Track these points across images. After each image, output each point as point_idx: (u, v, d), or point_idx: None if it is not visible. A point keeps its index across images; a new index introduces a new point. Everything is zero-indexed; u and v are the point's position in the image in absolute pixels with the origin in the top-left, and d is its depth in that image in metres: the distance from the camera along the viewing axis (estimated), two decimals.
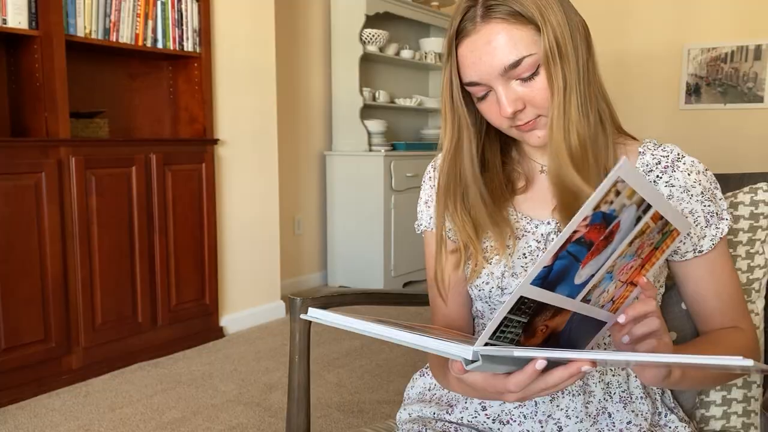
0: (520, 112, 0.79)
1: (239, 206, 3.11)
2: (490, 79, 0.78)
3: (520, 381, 0.63)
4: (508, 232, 0.86)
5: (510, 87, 0.78)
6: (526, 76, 0.77)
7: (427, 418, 0.93)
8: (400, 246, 3.96)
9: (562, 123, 0.77)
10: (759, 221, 1.04)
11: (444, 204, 0.88)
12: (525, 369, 0.62)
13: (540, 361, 0.61)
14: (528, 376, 0.62)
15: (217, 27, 2.93)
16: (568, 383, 0.63)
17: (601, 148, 0.80)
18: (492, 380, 0.66)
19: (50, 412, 2.17)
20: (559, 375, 0.62)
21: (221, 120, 2.97)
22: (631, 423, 0.84)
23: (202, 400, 2.27)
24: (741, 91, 4.54)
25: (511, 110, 0.78)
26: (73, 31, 2.36)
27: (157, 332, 2.71)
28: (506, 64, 0.76)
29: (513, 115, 0.79)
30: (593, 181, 0.78)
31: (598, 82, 0.83)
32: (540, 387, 0.63)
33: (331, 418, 2.14)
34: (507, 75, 0.77)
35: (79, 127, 2.52)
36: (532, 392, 0.64)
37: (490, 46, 0.76)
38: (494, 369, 0.65)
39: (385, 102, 4.17)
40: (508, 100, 0.78)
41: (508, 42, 0.75)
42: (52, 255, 2.30)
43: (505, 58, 0.76)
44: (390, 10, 4.06)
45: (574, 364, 0.60)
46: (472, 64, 0.78)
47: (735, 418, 1.00)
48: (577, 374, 0.60)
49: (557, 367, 0.62)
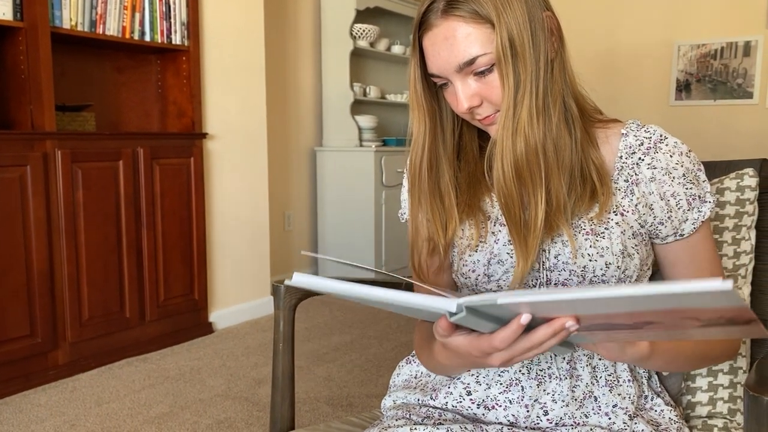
0: (478, 107, 0.80)
1: (228, 201, 3.09)
2: (447, 74, 0.79)
3: (505, 336, 0.62)
4: (481, 218, 0.85)
5: (467, 82, 0.79)
6: (481, 71, 0.77)
7: (411, 404, 0.92)
8: (391, 241, 3.96)
9: (511, 124, 0.77)
10: (745, 207, 1.03)
11: (416, 196, 0.87)
12: (510, 323, 0.62)
13: (525, 315, 0.60)
14: (513, 331, 0.61)
15: (205, 20, 2.90)
16: (553, 342, 0.62)
17: (561, 149, 0.79)
18: (476, 341, 0.65)
19: (36, 407, 2.14)
20: (543, 332, 0.61)
21: (210, 114, 2.95)
22: (617, 406, 0.84)
23: (190, 394, 2.26)
24: (731, 87, 4.56)
25: (467, 106, 0.79)
26: (59, 23, 2.33)
27: (145, 328, 2.69)
28: (461, 62, 0.77)
29: (469, 111, 0.80)
30: (540, 191, 0.77)
31: (567, 79, 0.81)
32: (525, 346, 0.62)
33: (319, 412, 2.13)
34: (463, 71, 0.78)
35: (65, 121, 2.49)
36: (517, 351, 0.63)
37: (447, 42, 0.77)
38: (478, 325, 0.64)
39: (375, 97, 4.16)
40: (464, 96, 0.79)
41: (463, 40, 0.76)
42: (37, 249, 2.28)
43: (460, 56, 0.76)
44: (380, 5, 4.05)
45: (558, 321, 0.60)
46: (432, 56, 0.79)
47: (721, 403, 1.00)
48: (560, 331, 0.60)
49: (541, 325, 0.61)
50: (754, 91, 4.48)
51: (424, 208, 0.87)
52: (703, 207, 0.84)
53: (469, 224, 0.87)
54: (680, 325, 0.55)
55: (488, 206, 0.87)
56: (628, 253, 0.81)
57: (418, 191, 0.87)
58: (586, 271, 0.81)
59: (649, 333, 0.61)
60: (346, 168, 3.92)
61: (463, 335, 0.67)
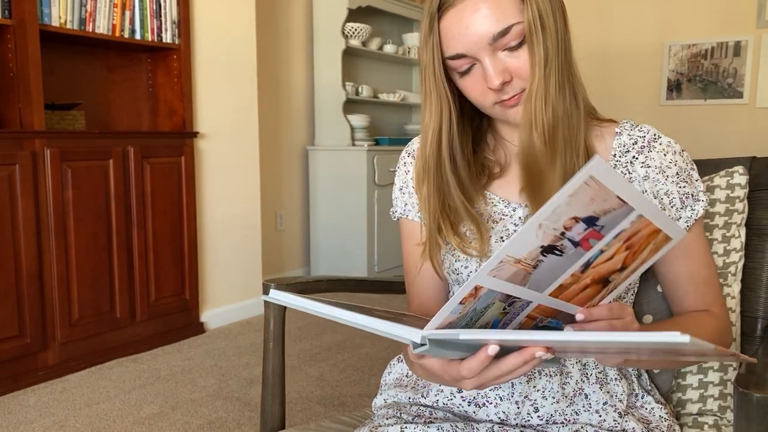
0: (507, 85, 0.77)
1: (220, 200, 3.08)
2: (477, 50, 0.76)
3: (472, 367, 0.60)
4: (477, 219, 0.85)
5: (497, 57, 0.76)
6: (514, 44, 0.76)
7: (402, 403, 0.92)
8: (384, 241, 3.95)
9: (543, 95, 0.76)
10: (735, 205, 1.04)
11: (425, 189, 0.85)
12: (477, 354, 0.60)
13: (492, 347, 0.58)
14: (480, 361, 0.59)
15: (196, 18, 2.89)
16: (524, 370, 0.60)
17: (573, 126, 0.79)
18: (447, 366, 0.64)
19: (25, 408, 2.12)
20: (513, 361, 0.59)
21: (201, 113, 2.94)
22: (607, 404, 0.84)
23: (181, 395, 2.24)
24: (721, 86, 4.59)
25: (500, 81, 0.76)
26: (48, 20, 2.31)
27: (136, 327, 2.67)
28: (495, 32, 0.74)
29: (501, 87, 0.77)
30: (560, 162, 0.77)
31: (573, 62, 0.82)
32: (494, 374, 0.60)
33: (311, 411, 2.12)
34: (494, 45, 0.75)
35: (55, 119, 2.47)
36: (487, 379, 0.62)
37: (479, 14, 0.74)
38: (446, 354, 0.62)
39: (368, 97, 4.15)
40: (495, 71, 0.76)
41: (496, 10, 0.74)
42: (26, 249, 2.26)
43: (494, 26, 0.74)
44: (372, 4, 4.04)
45: (528, 350, 0.57)
46: (458, 35, 0.76)
47: (711, 401, 1.00)
48: (531, 360, 0.58)
49: (512, 353, 0.59)
50: (744, 90, 4.50)
51: (433, 204, 0.84)
52: (696, 205, 0.84)
53: (463, 222, 0.86)
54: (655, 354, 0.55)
55: (482, 204, 0.87)
56: None
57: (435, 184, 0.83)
58: None
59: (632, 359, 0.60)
60: (338, 167, 3.92)
61: (436, 358, 0.65)
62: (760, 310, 1.05)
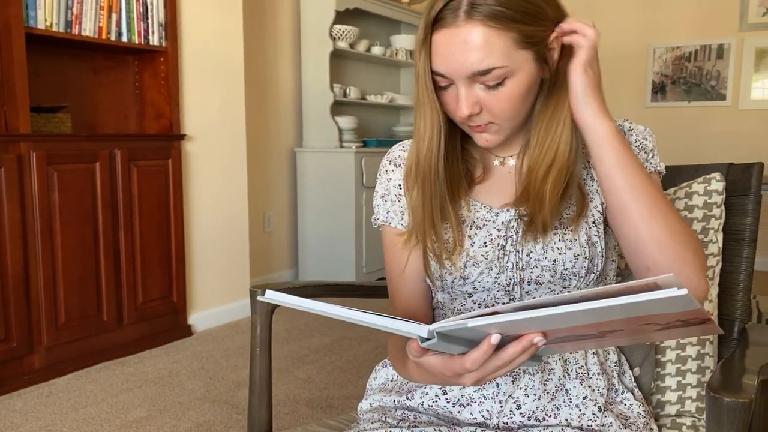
0: (475, 116, 0.79)
1: (207, 203, 3.08)
2: (456, 76, 0.77)
3: (476, 358, 0.64)
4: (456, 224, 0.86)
5: (472, 90, 0.77)
6: (492, 84, 0.76)
7: (387, 407, 0.93)
8: (372, 242, 3.96)
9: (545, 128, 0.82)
10: (712, 210, 1.06)
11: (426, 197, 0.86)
12: (480, 345, 0.63)
13: (495, 336, 0.62)
14: (484, 351, 0.63)
15: (183, 20, 2.89)
16: (523, 358, 0.64)
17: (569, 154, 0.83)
18: (449, 362, 0.67)
19: (11, 413, 2.12)
20: (512, 350, 0.63)
21: (188, 115, 2.94)
22: (587, 398, 0.86)
23: (169, 398, 2.24)
24: (704, 89, 4.65)
25: (468, 113, 0.78)
26: (33, 23, 2.30)
27: (123, 331, 2.66)
28: (475, 70, 0.75)
29: (468, 117, 0.79)
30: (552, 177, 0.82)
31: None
32: (495, 365, 0.64)
33: (299, 414, 2.13)
34: (473, 78, 0.76)
35: (40, 122, 2.46)
36: (488, 371, 0.65)
37: (467, 46, 0.74)
38: (449, 349, 0.65)
39: (356, 98, 4.16)
40: (467, 102, 0.77)
41: (484, 48, 0.73)
42: (12, 252, 2.25)
43: (477, 64, 0.74)
44: (360, 6, 4.05)
45: (526, 337, 0.61)
46: (443, 56, 0.76)
47: (689, 402, 1.03)
48: (529, 347, 0.62)
49: (510, 343, 0.63)
50: (726, 92, 4.57)
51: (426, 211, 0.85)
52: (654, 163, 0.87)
53: (445, 228, 0.88)
54: (640, 330, 0.57)
55: (464, 210, 0.89)
56: (591, 242, 0.84)
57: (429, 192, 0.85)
58: (557, 264, 0.83)
59: (612, 340, 0.63)
60: (326, 169, 3.92)
61: (436, 356, 0.68)
62: (737, 314, 1.07)
